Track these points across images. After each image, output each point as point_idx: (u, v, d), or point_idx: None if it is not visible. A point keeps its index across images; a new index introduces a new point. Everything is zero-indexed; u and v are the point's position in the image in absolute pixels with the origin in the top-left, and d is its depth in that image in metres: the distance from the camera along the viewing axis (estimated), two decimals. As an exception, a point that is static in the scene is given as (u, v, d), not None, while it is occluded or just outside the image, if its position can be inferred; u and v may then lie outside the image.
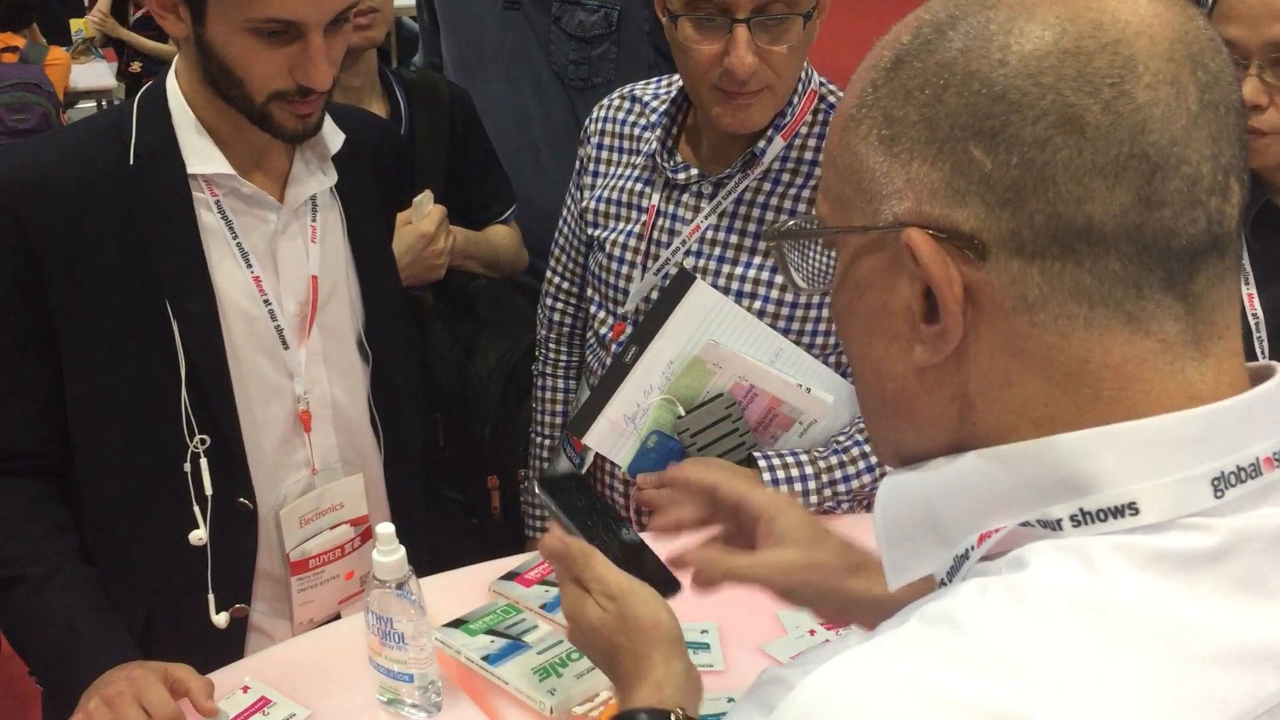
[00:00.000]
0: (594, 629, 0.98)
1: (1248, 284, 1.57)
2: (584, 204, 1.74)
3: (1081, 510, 0.58)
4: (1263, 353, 1.55)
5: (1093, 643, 0.54)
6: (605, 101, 1.77)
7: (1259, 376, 0.62)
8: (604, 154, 1.74)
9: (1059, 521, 0.58)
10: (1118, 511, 0.57)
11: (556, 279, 1.85)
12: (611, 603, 0.98)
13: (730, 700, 1.23)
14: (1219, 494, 0.57)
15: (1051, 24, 0.59)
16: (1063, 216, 0.58)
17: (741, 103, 1.50)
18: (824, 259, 0.73)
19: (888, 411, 0.68)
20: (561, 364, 1.88)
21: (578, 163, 1.78)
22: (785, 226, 0.73)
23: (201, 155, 1.33)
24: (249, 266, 1.37)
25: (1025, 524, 0.59)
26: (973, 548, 0.61)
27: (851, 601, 1.00)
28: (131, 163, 1.32)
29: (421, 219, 1.87)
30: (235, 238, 1.37)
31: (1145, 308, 0.58)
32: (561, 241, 1.83)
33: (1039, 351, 0.60)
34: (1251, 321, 1.55)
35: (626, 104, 1.74)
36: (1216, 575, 0.56)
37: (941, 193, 0.60)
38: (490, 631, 1.36)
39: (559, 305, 1.86)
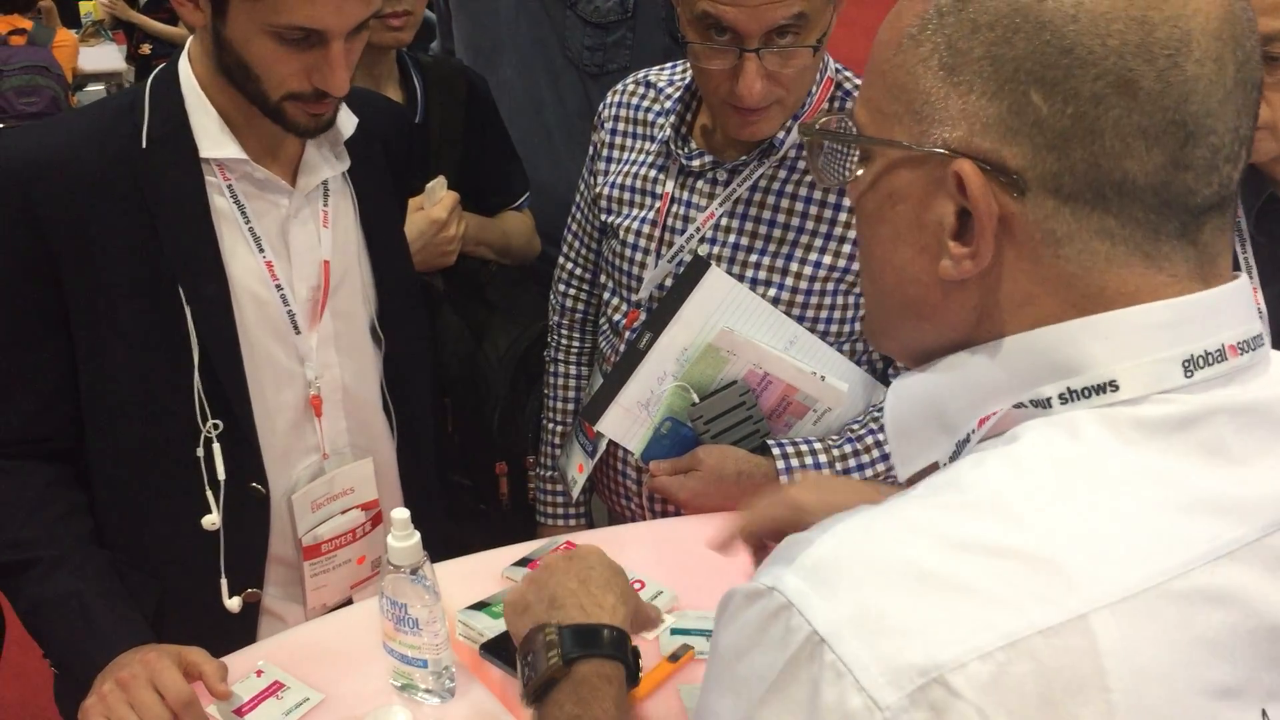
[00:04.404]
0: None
1: (1251, 278, 1.55)
2: (597, 190, 1.73)
3: (1069, 389, 0.66)
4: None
5: (1074, 491, 0.62)
6: (619, 87, 1.76)
7: None
8: (618, 140, 1.73)
9: (1049, 400, 0.66)
10: (1100, 389, 0.65)
11: (569, 265, 1.85)
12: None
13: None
14: (1189, 374, 0.65)
15: None
16: (1102, 168, 0.64)
17: (752, 119, 1.51)
18: (849, 159, 0.76)
19: (907, 313, 0.74)
20: (574, 350, 1.87)
21: (591, 148, 1.78)
22: (824, 124, 0.76)
23: (214, 139, 1.33)
24: (261, 251, 1.37)
25: (1019, 405, 0.67)
26: (973, 431, 0.69)
27: None
28: (144, 146, 1.31)
29: (434, 205, 1.86)
30: (247, 222, 1.36)
31: (1161, 249, 0.66)
32: (574, 227, 1.83)
33: (1060, 279, 0.66)
34: None
35: (641, 89, 1.73)
36: (1185, 440, 0.64)
37: (995, 128, 0.65)
38: None
39: (571, 291, 1.86)
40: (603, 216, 1.73)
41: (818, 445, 1.58)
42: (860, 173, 0.73)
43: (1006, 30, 0.65)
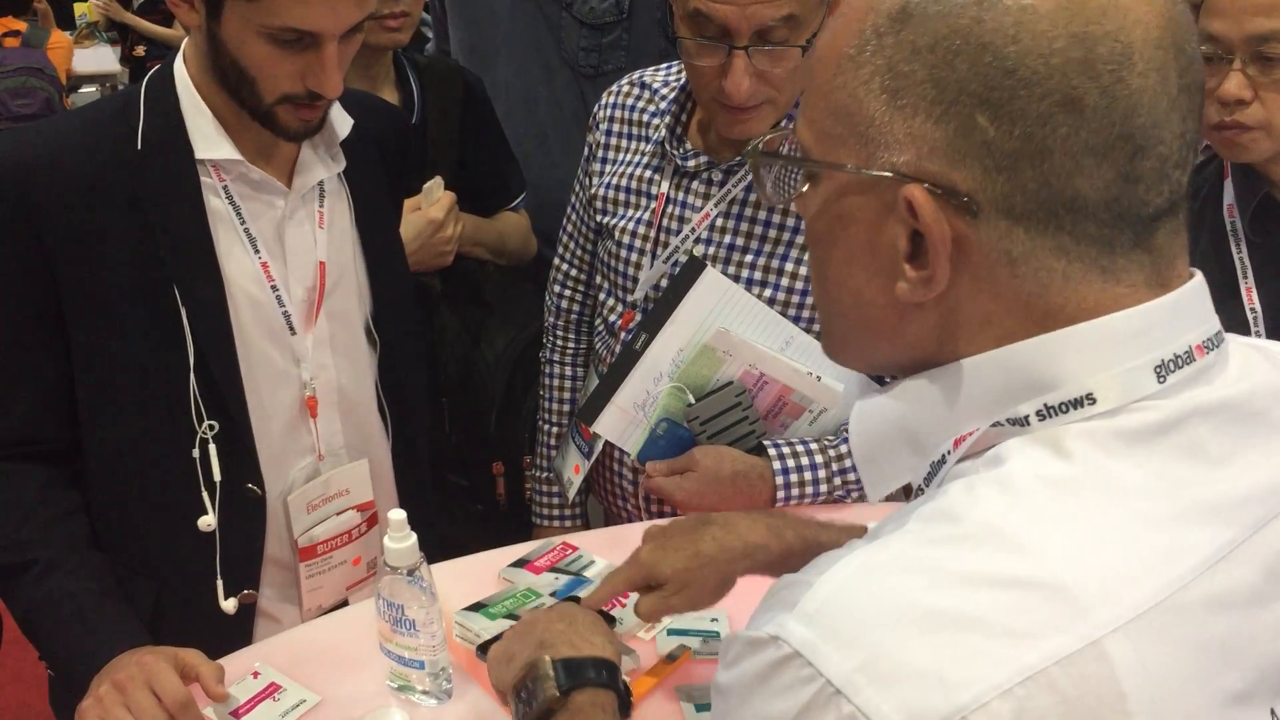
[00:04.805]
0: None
1: (1246, 278, 1.56)
2: (593, 191, 1.73)
3: (1046, 405, 0.65)
4: None
5: (1070, 513, 0.61)
6: (614, 88, 1.76)
7: None
8: (613, 140, 1.73)
9: (1026, 418, 0.66)
10: (1077, 403, 0.65)
11: (565, 266, 1.85)
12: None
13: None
14: (1161, 379, 0.65)
15: (1061, 3, 0.63)
16: (1054, 187, 0.63)
17: (741, 117, 1.51)
18: (796, 179, 0.75)
19: (866, 334, 0.73)
20: (569, 351, 1.87)
21: (586, 149, 1.78)
22: (768, 145, 0.75)
23: (209, 140, 1.33)
24: (256, 252, 1.37)
25: (996, 424, 0.67)
26: (949, 452, 0.68)
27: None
28: (139, 147, 1.31)
29: (431, 205, 1.86)
30: (243, 223, 1.36)
31: (1117, 262, 0.65)
32: (570, 228, 1.83)
33: (1018, 298, 0.66)
34: (1249, 316, 1.54)
35: (636, 90, 1.73)
36: (1166, 446, 0.64)
37: (943, 151, 0.64)
38: (510, 615, 1.35)
39: (567, 292, 1.86)
40: (598, 217, 1.73)
41: (813, 446, 1.58)
42: (806, 189, 0.72)
43: (947, 53, 0.64)
